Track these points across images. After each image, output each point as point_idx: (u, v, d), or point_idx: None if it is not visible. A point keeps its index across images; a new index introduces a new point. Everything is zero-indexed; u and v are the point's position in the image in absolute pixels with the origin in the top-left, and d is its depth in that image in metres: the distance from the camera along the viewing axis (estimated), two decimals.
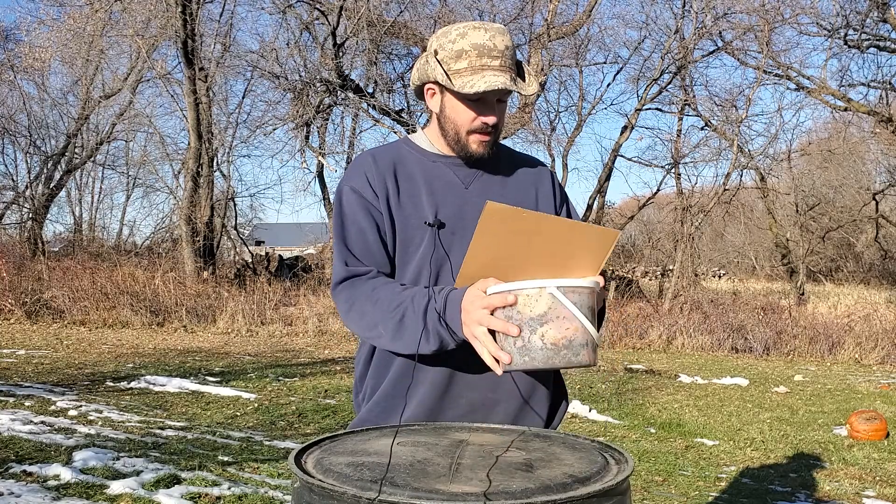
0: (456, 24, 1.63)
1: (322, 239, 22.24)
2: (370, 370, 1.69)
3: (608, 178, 18.39)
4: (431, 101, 1.68)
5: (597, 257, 1.45)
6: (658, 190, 19.38)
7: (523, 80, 1.66)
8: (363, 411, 1.67)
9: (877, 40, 17.54)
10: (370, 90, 15.20)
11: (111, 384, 6.70)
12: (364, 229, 1.62)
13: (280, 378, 7.46)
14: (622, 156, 18.40)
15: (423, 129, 1.78)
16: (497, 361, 1.40)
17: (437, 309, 1.47)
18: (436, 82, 1.63)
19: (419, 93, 1.72)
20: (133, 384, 6.69)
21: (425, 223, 1.62)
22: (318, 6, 14.32)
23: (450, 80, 1.59)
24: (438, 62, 1.61)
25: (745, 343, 11.87)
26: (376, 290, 1.56)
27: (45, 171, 19.53)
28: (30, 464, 4.02)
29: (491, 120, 1.63)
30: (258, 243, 30.00)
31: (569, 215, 1.79)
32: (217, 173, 17.14)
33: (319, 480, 1.11)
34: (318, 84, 14.65)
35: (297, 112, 14.63)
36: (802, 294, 18.58)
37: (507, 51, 1.59)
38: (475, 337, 1.42)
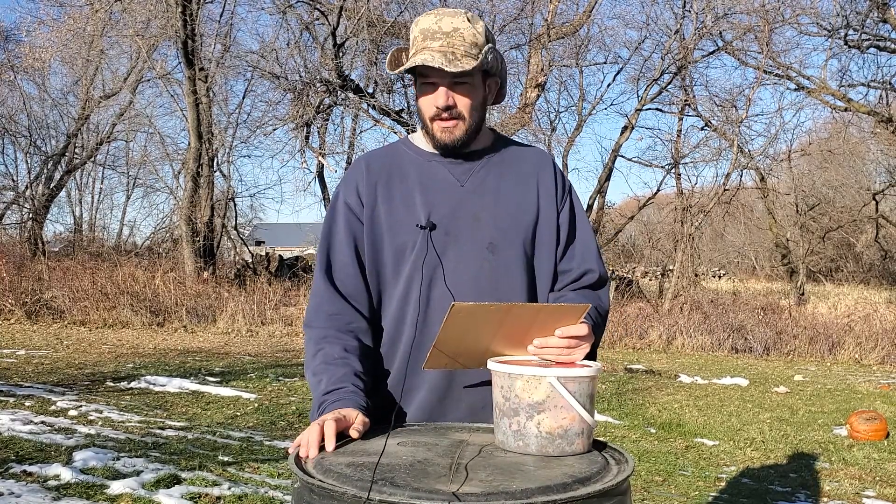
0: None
1: None
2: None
3: (608, 178, 18.39)
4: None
5: (570, 323, 1.45)
6: (658, 190, 19.39)
7: (487, 62, 1.58)
8: None
9: (877, 40, 17.54)
10: (370, 90, 15.20)
11: (111, 384, 6.70)
12: (343, 243, 1.64)
13: (280, 378, 7.46)
14: (622, 156, 18.41)
15: (422, 127, 1.78)
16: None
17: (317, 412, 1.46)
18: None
19: None
20: (133, 384, 6.69)
21: (417, 226, 1.60)
22: (318, 6, 14.32)
23: (390, 67, 1.63)
24: (400, 53, 1.65)
25: (745, 343, 11.87)
26: (325, 339, 1.57)
27: (45, 171, 19.54)
28: (30, 464, 4.02)
29: (440, 102, 1.57)
30: (258, 243, 29.98)
31: (571, 209, 1.72)
32: (217, 173, 17.14)
33: (319, 480, 1.11)
34: (318, 84, 14.65)
35: (297, 112, 14.63)
36: (802, 294, 18.59)
37: (455, 32, 1.54)
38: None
